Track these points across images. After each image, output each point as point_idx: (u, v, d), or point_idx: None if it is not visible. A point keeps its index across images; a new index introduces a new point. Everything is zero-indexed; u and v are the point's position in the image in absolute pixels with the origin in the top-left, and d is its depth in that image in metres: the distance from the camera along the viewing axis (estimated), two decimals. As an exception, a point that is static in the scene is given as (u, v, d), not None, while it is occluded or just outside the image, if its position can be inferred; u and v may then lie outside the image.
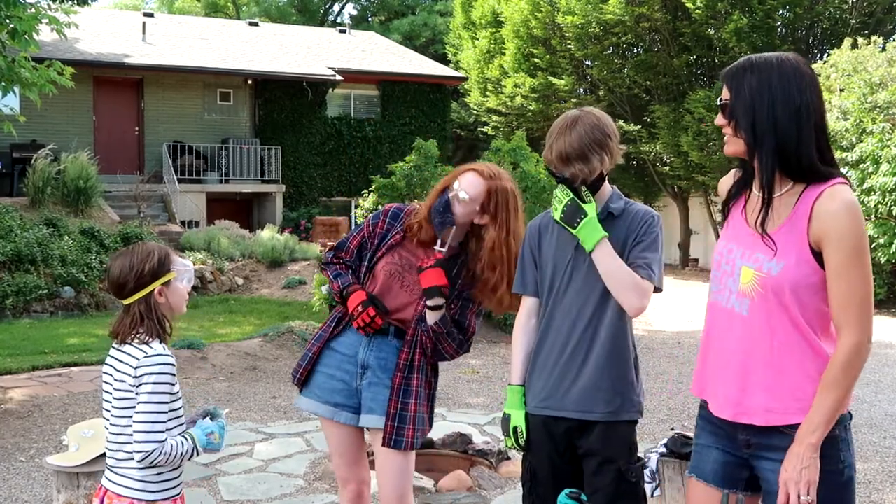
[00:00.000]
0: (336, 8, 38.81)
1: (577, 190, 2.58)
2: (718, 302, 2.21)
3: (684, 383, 7.69)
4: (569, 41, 21.65)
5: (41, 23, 7.88)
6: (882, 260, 12.74)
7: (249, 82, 20.60)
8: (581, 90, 23.65)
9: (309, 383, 3.01)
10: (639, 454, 2.69)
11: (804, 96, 2.06)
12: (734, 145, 2.15)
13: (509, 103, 24.00)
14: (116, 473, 2.40)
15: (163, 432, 2.32)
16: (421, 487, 4.45)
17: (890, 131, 13.06)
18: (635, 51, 21.97)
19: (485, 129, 26.61)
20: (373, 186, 11.65)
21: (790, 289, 2.06)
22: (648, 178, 23.16)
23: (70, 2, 11.54)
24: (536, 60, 22.98)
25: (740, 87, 2.10)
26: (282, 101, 20.79)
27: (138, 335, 2.37)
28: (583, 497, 2.63)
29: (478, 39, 25.81)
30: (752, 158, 2.10)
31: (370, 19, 37.35)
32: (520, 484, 4.43)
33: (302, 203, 20.76)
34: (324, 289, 10.07)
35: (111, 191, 16.69)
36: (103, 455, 3.33)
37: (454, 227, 2.87)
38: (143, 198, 16.55)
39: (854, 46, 15.54)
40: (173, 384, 2.37)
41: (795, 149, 2.05)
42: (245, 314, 11.72)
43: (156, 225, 15.89)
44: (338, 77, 20.62)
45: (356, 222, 16.64)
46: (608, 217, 2.63)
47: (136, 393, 2.33)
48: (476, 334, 2.94)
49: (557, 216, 2.61)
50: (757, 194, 2.15)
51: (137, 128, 19.78)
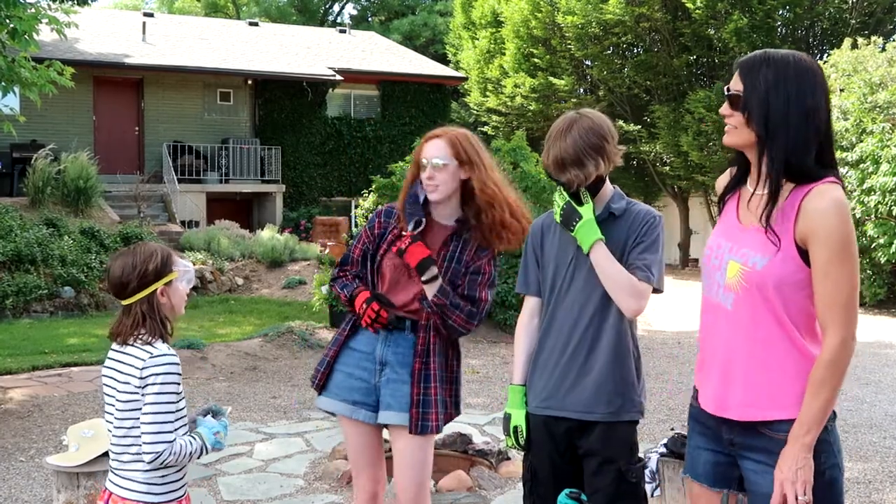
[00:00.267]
0: (336, 8, 38.84)
1: (576, 192, 2.59)
2: (708, 297, 2.22)
3: (684, 383, 7.69)
4: (569, 41, 21.66)
5: (41, 23, 7.89)
6: (882, 260, 12.71)
7: (249, 82, 20.60)
8: (581, 90, 23.67)
9: (328, 383, 3.02)
10: (639, 454, 2.69)
11: (815, 98, 2.06)
12: (738, 136, 2.13)
13: (509, 103, 24.02)
14: (121, 476, 2.38)
15: (172, 433, 2.31)
16: (421, 487, 4.45)
17: (890, 131, 13.06)
18: (635, 51, 21.99)
19: (485, 129, 26.62)
20: (373, 186, 11.64)
21: (773, 284, 2.06)
22: (648, 178, 23.18)
23: (70, 2, 11.54)
24: (536, 60, 22.99)
25: (756, 80, 2.07)
26: (282, 101, 20.79)
27: (140, 336, 2.35)
28: (583, 497, 2.63)
29: (478, 39, 25.83)
30: (761, 152, 2.09)
31: (370, 19, 37.38)
32: (520, 484, 4.43)
33: (302, 203, 20.76)
34: (324, 289, 10.08)
35: (111, 191, 16.68)
36: (103, 455, 3.34)
37: (424, 223, 2.91)
38: (143, 198, 16.55)
39: (854, 46, 15.54)
40: (179, 384, 2.35)
41: (798, 148, 2.05)
42: (245, 314, 11.71)
43: (156, 225, 15.88)
44: (338, 77, 20.62)
45: (356, 222, 16.64)
46: (609, 217, 2.63)
47: (143, 394, 2.30)
48: (487, 309, 2.92)
49: (557, 218, 2.63)
50: (751, 190, 2.15)
51: (137, 128, 19.78)
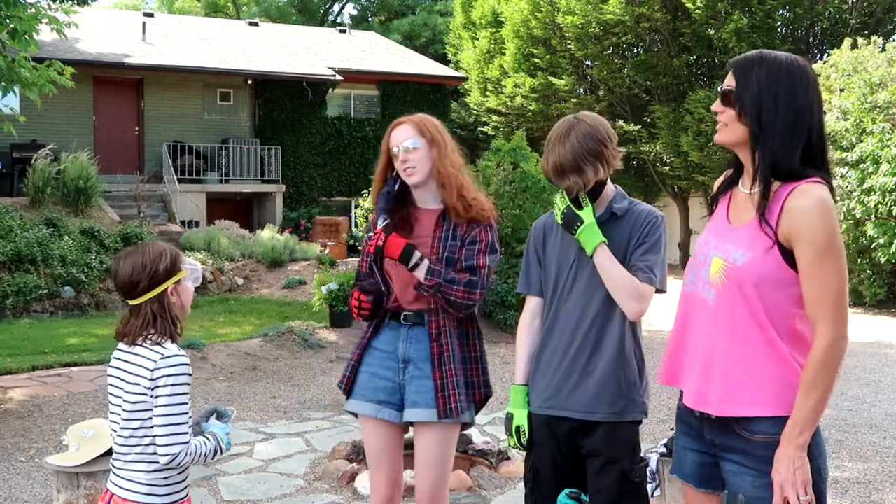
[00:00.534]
0: (336, 8, 38.83)
1: (576, 196, 2.59)
2: (693, 291, 2.23)
3: (684, 383, 7.69)
4: (569, 41, 21.65)
5: (41, 23, 7.89)
6: (882, 260, 12.70)
7: (249, 82, 20.59)
8: (581, 90, 23.66)
9: (354, 387, 3.02)
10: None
11: (806, 98, 2.09)
12: (730, 134, 2.16)
13: (509, 103, 24.01)
14: (122, 477, 2.35)
15: (187, 433, 2.28)
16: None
17: (890, 131, 13.05)
18: (635, 51, 21.99)
19: (485, 129, 26.62)
20: (372, 186, 11.62)
21: (753, 282, 2.06)
22: (648, 178, 23.17)
23: (70, 2, 11.53)
24: (536, 60, 22.98)
25: (749, 78, 2.11)
26: (282, 101, 20.78)
27: (150, 336, 2.31)
28: (583, 497, 2.62)
29: (478, 39, 25.81)
30: (753, 149, 2.11)
31: (370, 19, 37.37)
32: (520, 484, 4.43)
33: (302, 203, 20.75)
34: (324, 289, 10.07)
35: (111, 191, 16.67)
36: (103, 455, 3.34)
37: (392, 217, 2.97)
38: (143, 198, 16.54)
39: (854, 46, 15.53)
40: (189, 385, 2.33)
41: (785, 146, 2.07)
42: (245, 314, 11.71)
43: (156, 225, 15.87)
44: (338, 77, 20.61)
45: (356, 222, 16.65)
46: (611, 217, 2.63)
47: (154, 395, 2.27)
48: (488, 276, 2.90)
49: (559, 221, 2.64)
50: (742, 189, 2.18)
51: (137, 128, 19.77)
